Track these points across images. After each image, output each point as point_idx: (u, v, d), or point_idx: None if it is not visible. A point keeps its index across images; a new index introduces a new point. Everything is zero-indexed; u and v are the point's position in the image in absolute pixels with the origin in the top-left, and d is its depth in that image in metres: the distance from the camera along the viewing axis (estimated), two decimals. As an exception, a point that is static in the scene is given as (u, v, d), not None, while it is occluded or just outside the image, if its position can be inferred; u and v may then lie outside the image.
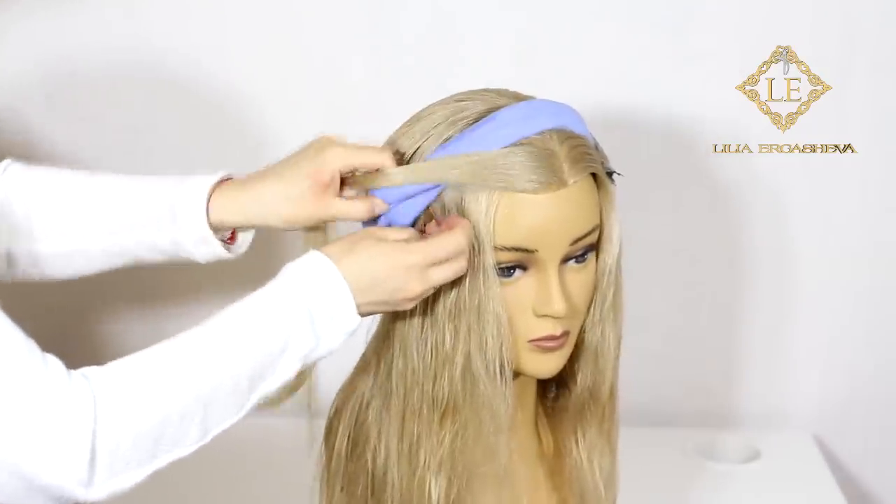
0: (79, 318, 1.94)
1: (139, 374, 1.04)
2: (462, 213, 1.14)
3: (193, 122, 1.84)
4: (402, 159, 1.19)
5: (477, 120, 1.16)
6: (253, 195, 1.21)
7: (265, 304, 1.09)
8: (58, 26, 1.80)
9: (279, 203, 1.20)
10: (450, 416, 1.18)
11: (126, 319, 1.94)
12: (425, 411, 1.18)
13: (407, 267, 1.11)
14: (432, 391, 1.17)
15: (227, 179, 1.25)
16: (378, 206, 1.18)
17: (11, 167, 1.29)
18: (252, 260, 1.86)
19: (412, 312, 1.18)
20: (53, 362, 1.02)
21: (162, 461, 1.05)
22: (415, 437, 1.19)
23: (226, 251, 1.25)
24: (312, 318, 1.09)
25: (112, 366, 1.05)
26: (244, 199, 1.22)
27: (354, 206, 1.18)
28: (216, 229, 1.23)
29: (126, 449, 1.02)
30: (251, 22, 1.80)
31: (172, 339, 1.07)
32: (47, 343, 1.97)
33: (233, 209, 1.22)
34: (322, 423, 1.30)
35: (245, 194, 1.22)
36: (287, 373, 1.10)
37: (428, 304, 1.16)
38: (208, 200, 1.22)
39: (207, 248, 1.24)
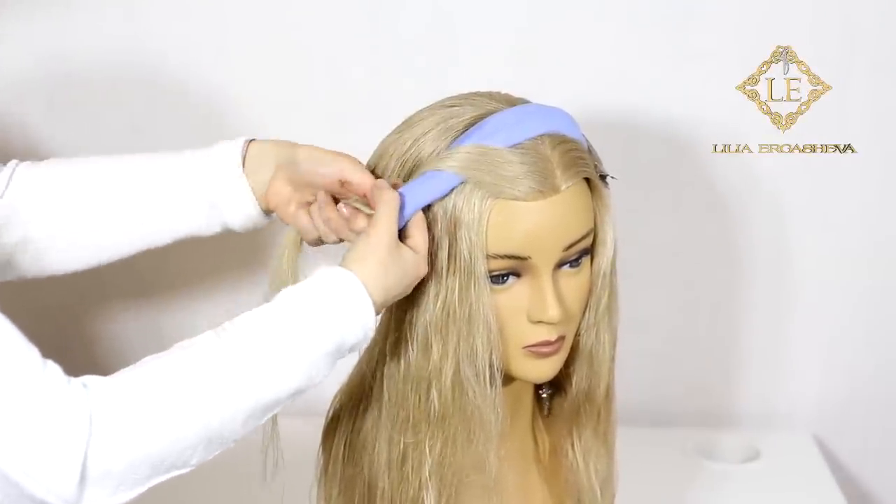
0: (76, 318, 1.94)
1: (144, 395, 1.01)
2: (455, 219, 1.14)
3: (193, 123, 1.84)
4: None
5: (467, 128, 1.15)
6: (283, 146, 1.25)
7: (291, 335, 1.06)
8: (58, 27, 1.80)
9: (307, 152, 1.23)
10: (439, 425, 1.17)
11: (123, 318, 1.94)
12: (414, 420, 1.18)
13: (418, 280, 1.14)
14: (421, 400, 1.17)
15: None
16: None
17: (19, 166, 1.28)
18: (248, 260, 1.87)
19: (404, 320, 1.17)
20: (53, 370, 1.00)
21: (157, 481, 1.03)
22: (404, 446, 1.19)
23: (261, 211, 1.24)
24: (338, 352, 1.09)
25: (117, 380, 1.02)
26: (278, 142, 1.25)
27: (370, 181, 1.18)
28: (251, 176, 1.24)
29: (119, 472, 0.99)
30: (251, 22, 1.80)
31: (184, 357, 1.03)
32: (45, 343, 1.96)
33: (265, 146, 1.25)
34: (321, 424, 1.30)
35: (274, 145, 1.25)
36: (300, 396, 1.09)
37: (419, 312, 1.16)
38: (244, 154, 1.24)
39: (242, 203, 1.24)
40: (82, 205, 1.26)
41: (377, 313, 1.11)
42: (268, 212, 1.25)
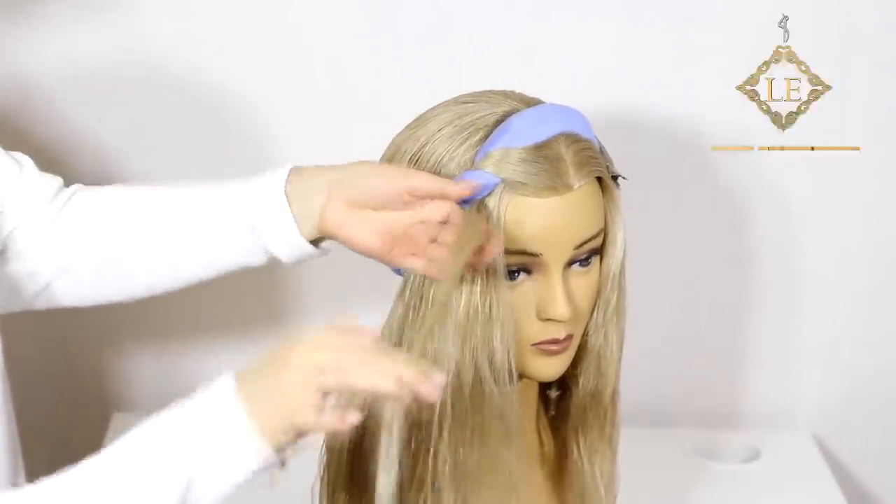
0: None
1: None
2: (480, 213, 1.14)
3: (194, 123, 1.83)
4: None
5: (487, 126, 1.15)
6: (335, 166, 1.18)
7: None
8: (58, 27, 1.79)
9: (364, 167, 1.16)
10: (455, 425, 1.17)
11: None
12: (428, 420, 1.17)
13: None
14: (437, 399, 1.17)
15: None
16: (467, 186, 1.13)
17: (79, 192, 1.26)
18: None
19: (418, 318, 1.17)
20: None
21: None
22: (416, 446, 1.19)
23: (304, 240, 1.18)
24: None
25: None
26: (325, 170, 1.17)
27: (443, 182, 1.13)
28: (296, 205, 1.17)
29: None
30: (252, 22, 1.80)
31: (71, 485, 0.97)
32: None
33: (314, 171, 1.17)
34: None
35: (326, 167, 1.18)
36: None
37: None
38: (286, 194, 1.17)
39: (293, 244, 1.18)
40: (125, 236, 1.23)
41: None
42: (317, 240, 1.18)
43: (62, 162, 1.82)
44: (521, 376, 1.21)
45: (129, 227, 1.23)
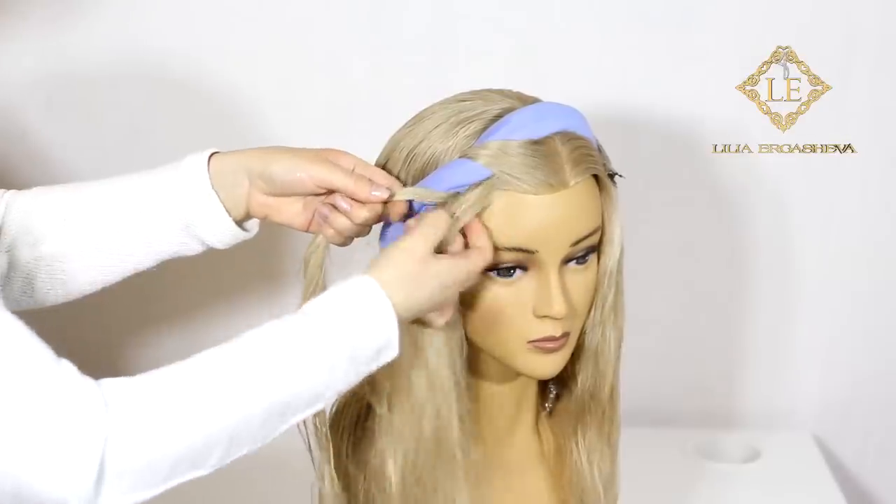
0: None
1: (161, 392, 0.98)
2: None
3: (194, 123, 1.84)
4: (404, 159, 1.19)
5: (484, 123, 1.16)
6: (254, 149, 1.21)
7: (308, 337, 1.04)
8: (58, 26, 1.79)
9: (282, 152, 1.18)
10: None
11: (122, 334, 1.94)
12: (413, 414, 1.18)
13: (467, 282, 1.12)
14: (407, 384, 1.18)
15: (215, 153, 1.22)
16: (382, 197, 1.15)
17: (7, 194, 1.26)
18: (246, 271, 1.87)
19: None
20: (67, 367, 0.97)
21: (175, 482, 1.00)
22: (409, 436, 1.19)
23: (236, 226, 1.21)
24: (355, 356, 1.05)
25: (134, 379, 0.99)
26: (246, 153, 1.20)
27: (358, 186, 1.15)
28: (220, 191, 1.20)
29: (137, 470, 0.96)
30: (252, 22, 1.80)
31: (204, 358, 1.02)
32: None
33: (233, 161, 1.19)
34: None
35: (246, 150, 1.21)
36: (321, 405, 1.06)
37: None
38: (208, 169, 1.20)
39: (218, 223, 1.21)
40: (65, 232, 1.23)
41: (405, 321, 1.08)
42: (243, 222, 1.22)
43: (62, 162, 1.82)
44: (518, 375, 1.22)
45: (70, 226, 1.23)
